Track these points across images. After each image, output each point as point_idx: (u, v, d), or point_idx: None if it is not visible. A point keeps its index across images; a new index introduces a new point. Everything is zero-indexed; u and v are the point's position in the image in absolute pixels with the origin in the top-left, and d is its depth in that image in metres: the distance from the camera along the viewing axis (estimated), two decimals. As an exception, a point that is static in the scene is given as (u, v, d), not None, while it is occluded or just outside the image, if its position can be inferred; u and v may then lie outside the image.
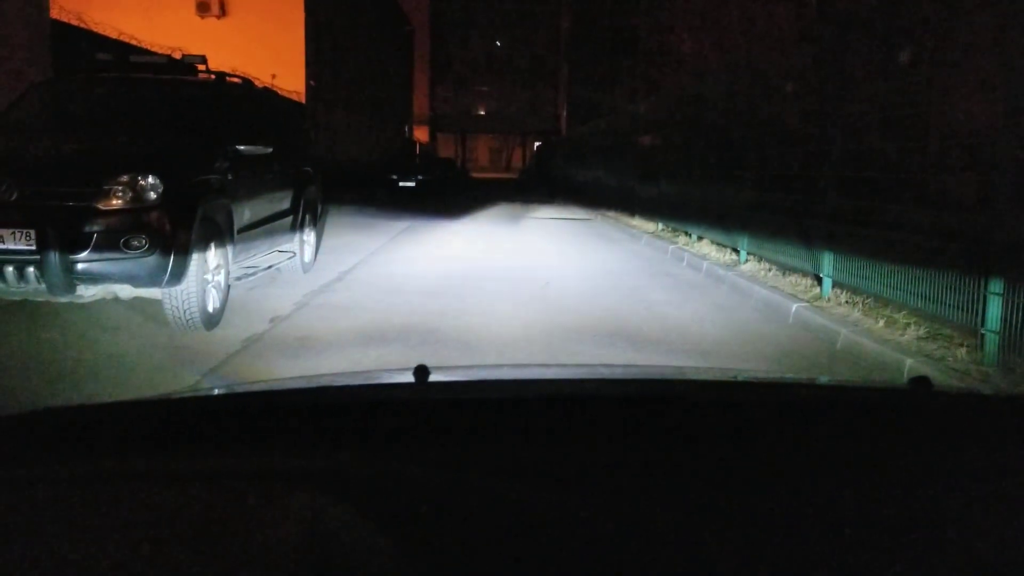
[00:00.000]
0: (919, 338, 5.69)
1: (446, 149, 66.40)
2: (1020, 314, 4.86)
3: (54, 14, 12.00)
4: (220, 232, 5.88)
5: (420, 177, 29.23)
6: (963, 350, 5.29)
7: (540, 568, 0.70)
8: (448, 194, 29.28)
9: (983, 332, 5.18)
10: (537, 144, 60.04)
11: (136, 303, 5.67)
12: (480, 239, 13.36)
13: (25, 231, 4.89)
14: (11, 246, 4.90)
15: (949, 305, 5.61)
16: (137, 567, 0.65)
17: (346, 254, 10.31)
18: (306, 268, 8.51)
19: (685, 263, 10.79)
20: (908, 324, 5.96)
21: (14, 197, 4.97)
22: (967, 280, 5.39)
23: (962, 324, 5.50)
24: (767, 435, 1.09)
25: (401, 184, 28.20)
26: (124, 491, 0.79)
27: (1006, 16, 5.24)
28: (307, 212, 8.50)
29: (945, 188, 6.38)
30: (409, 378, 1.17)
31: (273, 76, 21.99)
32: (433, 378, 1.19)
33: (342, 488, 0.78)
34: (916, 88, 6.53)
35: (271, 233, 7.29)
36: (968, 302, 5.38)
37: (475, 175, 58.05)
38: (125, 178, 5.12)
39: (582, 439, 1.03)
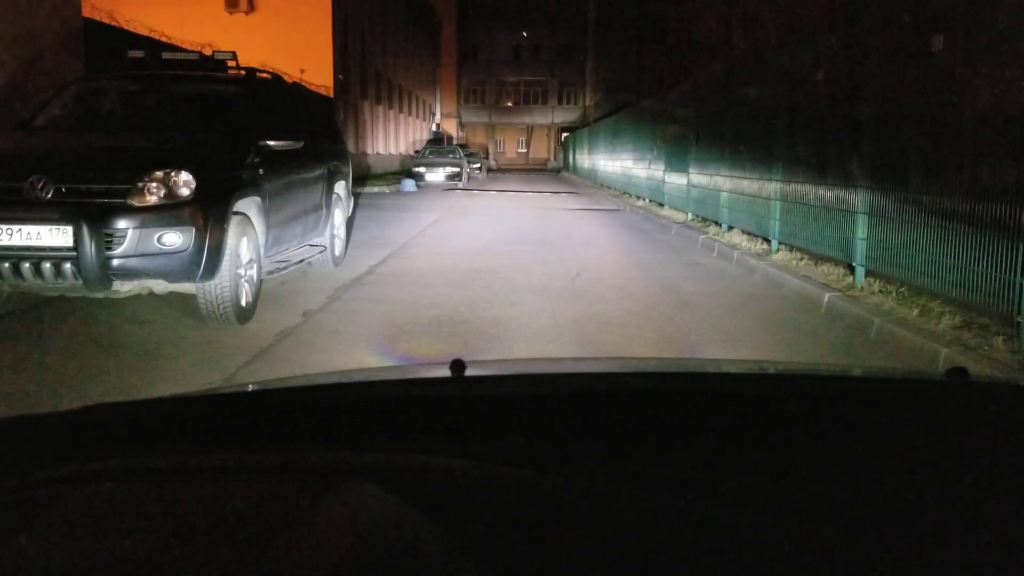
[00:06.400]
0: (954, 327, 5.62)
1: (474, 141, 66.41)
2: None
3: (86, 12, 12.16)
4: (252, 227, 5.93)
5: (448, 170, 29.30)
6: (999, 339, 5.22)
7: (580, 560, 0.71)
8: (476, 186, 29.31)
9: (1019, 320, 5.11)
10: (564, 134, 59.89)
11: (170, 297, 5.75)
12: (509, 231, 13.36)
13: (62, 228, 4.97)
14: (48, 243, 4.99)
15: (985, 293, 5.53)
16: (184, 561, 0.67)
17: (375, 248, 10.36)
18: (337, 262, 8.57)
19: (716, 253, 10.73)
20: (943, 313, 5.88)
21: (50, 194, 5.05)
22: (1002, 268, 5.31)
23: (998, 313, 5.43)
24: (802, 426, 1.09)
25: (429, 177, 28.27)
26: (168, 486, 0.80)
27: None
28: (337, 206, 8.55)
29: (980, 176, 6.29)
30: (445, 372, 1.18)
31: (302, 71, 22.12)
32: (469, 372, 1.20)
33: (387, 481, 0.79)
34: (950, 73, 6.43)
35: (302, 227, 7.35)
36: (1004, 290, 5.30)
37: (503, 166, 58.07)
38: (159, 174, 5.18)
39: (619, 432, 1.03)
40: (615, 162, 26.13)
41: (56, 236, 4.98)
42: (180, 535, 0.71)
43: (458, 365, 1.19)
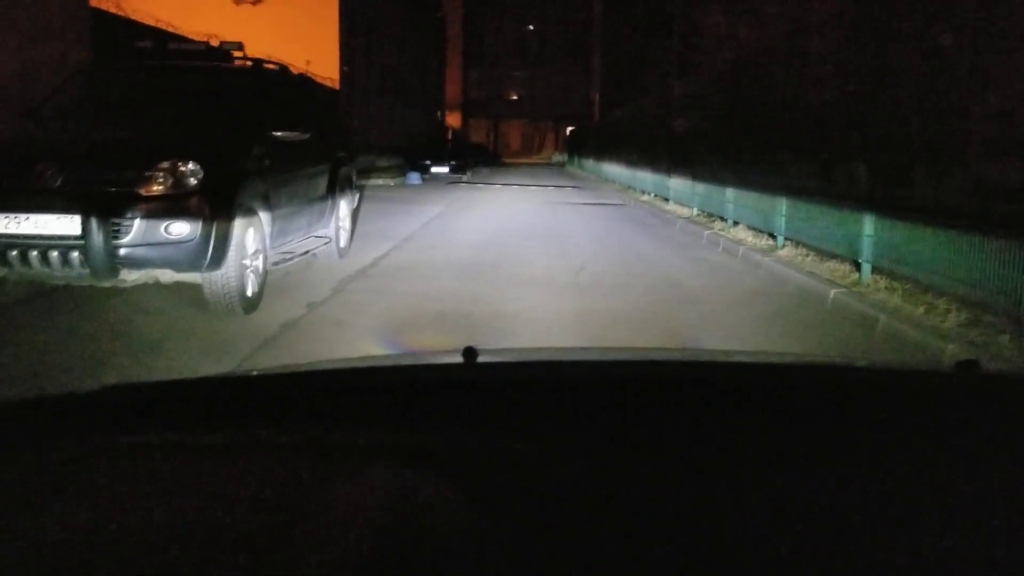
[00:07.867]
0: (960, 324, 5.61)
1: (478, 134, 66.38)
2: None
3: (93, 2, 12.16)
4: (258, 217, 5.93)
5: (453, 162, 29.32)
6: (1006, 336, 5.21)
7: (591, 543, 0.72)
8: (480, 179, 29.31)
9: (1026, 318, 5.11)
10: (570, 129, 59.83)
11: (176, 287, 5.75)
12: (513, 225, 13.36)
13: (69, 217, 4.98)
14: (56, 231, 4.99)
15: (991, 290, 5.53)
16: (223, 535, 0.67)
17: (380, 240, 10.36)
18: (342, 253, 8.57)
19: (721, 248, 10.72)
20: (949, 310, 5.88)
21: (58, 183, 5.06)
22: (1008, 265, 5.31)
23: (1005, 310, 5.42)
24: (813, 417, 1.09)
25: (434, 169, 28.28)
26: (194, 460, 0.81)
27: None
28: (342, 198, 8.55)
29: (985, 173, 6.27)
30: (458, 359, 1.19)
31: (307, 62, 22.06)
32: (481, 359, 1.20)
33: (408, 461, 0.79)
34: (957, 71, 6.41)
35: (307, 219, 7.35)
36: (1010, 288, 5.30)
37: (507, 160, 58.05)
38: (166, 165, 5.19)
39: (630, 420, 1.03)
40: (620, 157, 26.10)
41: (64, 225, 4.99)
42: (209, 507, 0.71)
43: (470, 352, 1.19)
